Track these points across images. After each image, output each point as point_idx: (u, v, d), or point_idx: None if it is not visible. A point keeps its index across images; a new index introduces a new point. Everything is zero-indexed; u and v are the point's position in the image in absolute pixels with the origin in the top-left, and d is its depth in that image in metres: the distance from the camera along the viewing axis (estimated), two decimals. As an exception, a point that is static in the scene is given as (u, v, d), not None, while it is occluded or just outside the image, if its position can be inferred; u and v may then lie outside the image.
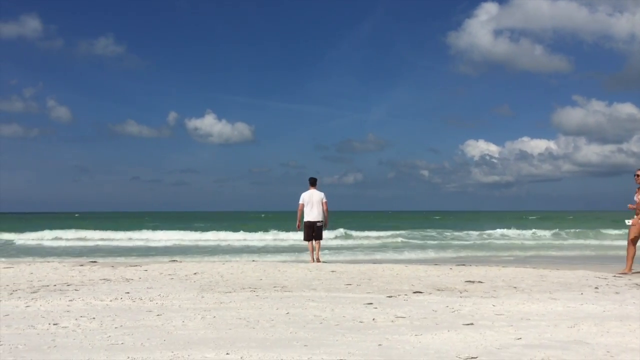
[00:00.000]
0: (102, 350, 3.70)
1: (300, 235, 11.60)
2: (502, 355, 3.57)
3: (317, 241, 11.06)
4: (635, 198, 9.59)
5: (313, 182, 11.06)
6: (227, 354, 3.56)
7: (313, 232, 10.92)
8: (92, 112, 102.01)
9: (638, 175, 9.51)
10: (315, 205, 10.88)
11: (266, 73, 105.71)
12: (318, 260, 11.00)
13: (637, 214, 9.44)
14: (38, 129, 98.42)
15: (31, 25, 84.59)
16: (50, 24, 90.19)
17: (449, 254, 17.67)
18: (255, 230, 27.42)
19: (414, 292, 6.69)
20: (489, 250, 19.26)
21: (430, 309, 5.47)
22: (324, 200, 10.97)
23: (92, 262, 11.71)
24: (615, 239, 23.69)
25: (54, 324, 4.69)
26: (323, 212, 10.97)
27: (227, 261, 11.55)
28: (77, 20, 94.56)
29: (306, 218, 10.92)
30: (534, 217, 63.96)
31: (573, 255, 17.11)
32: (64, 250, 19.38)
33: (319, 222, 10.89)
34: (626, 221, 9.75)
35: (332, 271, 8.92)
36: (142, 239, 24.90)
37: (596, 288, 7.13)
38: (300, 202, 10.97)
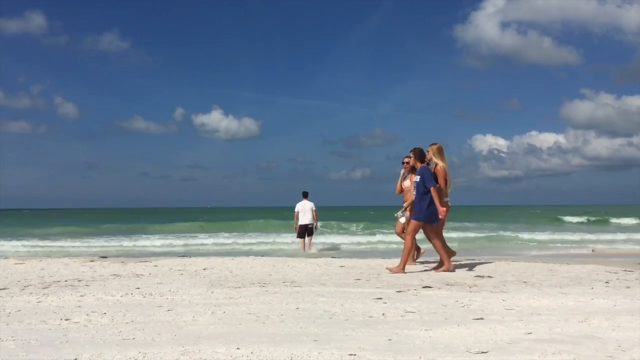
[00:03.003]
0: (114, 345, 3.73)
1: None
2: (512, 350, 3.56)
3: (309, 237, 14.90)
4: (402, 185, 9.17)
5: (305, 195, 14.90)
6: (237, 348, 3.57)
7: (306, 231, 14.75)
8: (99, 108, 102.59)
9: (408, 163, 8.92)
10: (307, 212, 14.68)
11: (273, 68, 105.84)
12: (310, 247, 14.87)
13: (405, 201, 9.06)
14: (45, 125, 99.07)
15: (36, 21, 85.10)
16: (54, 20, 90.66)
17: (457, 248, 17.62)
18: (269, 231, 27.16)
19: (424, 287, 6.68)
20: (497, 244, 19.20)
21: (439, 303, 5.46)
22: (314, 208, 14.75)
23: (102, 257, 11.78)
24: (622, 232, 23.60)
25: (65, 320, 4.72)
26: (313, 217, 14.74)
27: (236, 257, 11.58)
28: (81, 16, 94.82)
29: (300, 222, 14.69)
30: (539, 211, 63.70)
31: (582, 250, 17.02)
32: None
33: (310, 224, 14.72)
34: (396, 214, 9.24)
35: (341, 266, 8.93)
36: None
37: (607, 282, 7.09)
38: (296, 210, 14.76)
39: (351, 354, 3.43)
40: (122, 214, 67.15)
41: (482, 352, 3.50)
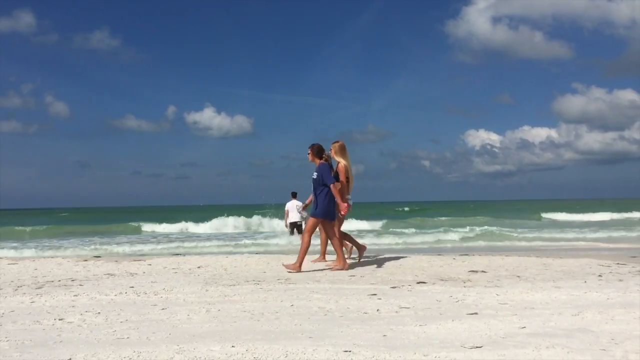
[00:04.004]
0: (108, 345, 3.71)
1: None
2: (506, 344, 3.57)
3: (299, 233, 15.70)
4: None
5: (294, 195, 16.09)
6: (232, 346, 3.56)
7: (295, 227, 16.15)
8: (91, 107, 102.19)
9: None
10: (296, 211, 15.71)
11: (265, 65, 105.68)
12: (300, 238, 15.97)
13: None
14: (37, 124, 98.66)
15: (25, 20, 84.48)
16: (44, 18, 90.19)
17: (452, 244, 17.69)
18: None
19: (418, 283, 6.69)
20: (491, 239, 19.26)
21: (434, 299, 5.47)
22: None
23: (95, 257, 11.74)
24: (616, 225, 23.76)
25: (59, 319, 4.70)
26: (302, 215, 15.74)
27: (230, 254, 11.57)
28: (71, 14, 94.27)
29: (290, 220, 16.05)
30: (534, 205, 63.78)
31: (577, 243, 17.12)
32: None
33: (299, 222, 15.96)
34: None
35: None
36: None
37: (600, 276, 7.13)
38: (286, 209, 16.10)
39: (346, 350, 3.43)
40: (111, 213, 66.66)
41: (477, 347, 3.51)
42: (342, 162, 8.24)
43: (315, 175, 7.94)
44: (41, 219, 46.32)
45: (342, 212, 7.90)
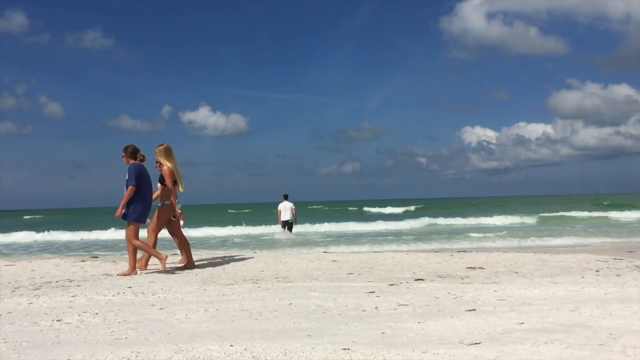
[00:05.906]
0: (106, 345, 3.70)
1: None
2: (505, 340, 3.57)
3: (289, 230, 18.82)
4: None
5: (286, 197, 18.51)
6: (231, 345, 3.56)
7: (286, 225, 18.69)
8: (85, 107, 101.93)
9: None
10: (288, 211, 18.52)
11: (260, 64, 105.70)
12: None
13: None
14: (31, 125, 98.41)
15: (17, 20, 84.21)
16: (36, 18, 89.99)
17: (449, 240, 17.71)
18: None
19: (416, 280, 6.70)
20: (488, 236, 19.30)
21: (432, 296, 5.48)
22: (293, 208, 18.58)
23: (93, 257, 11.71)
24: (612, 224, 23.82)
25: (57, 320, 4.69)
26: (293, 214, 18.56)
27: (228, 253, 11.56)
28: (63, 14, 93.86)
29: (282, 219, 18.61)
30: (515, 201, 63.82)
31: (573, 240, 17.15)
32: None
33: (290, 220, 18.60)
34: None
35: (334, 261, 8.94)
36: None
37: (597, 271, 7.15)
38: (278, 209, 18.69)
39: (345, 348, 3.43)
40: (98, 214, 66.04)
41: (475, 343, 3.51)
42: (167, 165, 8.11)
43: (127, 176, 7.77)
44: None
45: (117, 215, 7.66)
